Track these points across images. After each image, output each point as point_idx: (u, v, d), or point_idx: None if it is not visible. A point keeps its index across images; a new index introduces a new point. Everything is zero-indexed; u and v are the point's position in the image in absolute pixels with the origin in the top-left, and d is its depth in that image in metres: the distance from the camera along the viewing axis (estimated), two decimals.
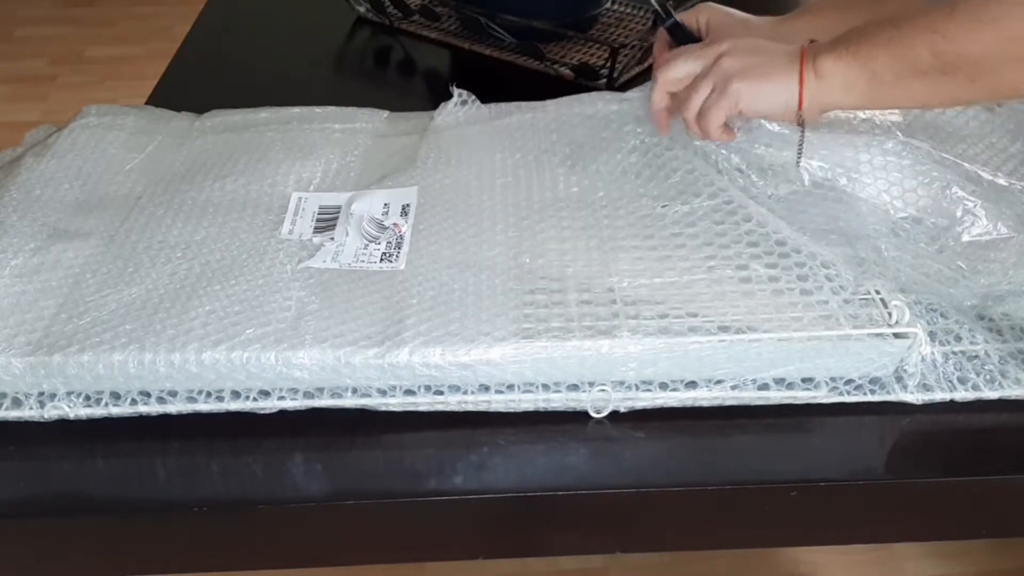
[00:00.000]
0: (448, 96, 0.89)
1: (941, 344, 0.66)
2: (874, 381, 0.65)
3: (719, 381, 0.64)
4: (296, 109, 0.90)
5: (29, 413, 0.64)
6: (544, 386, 0.64)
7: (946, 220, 0.67)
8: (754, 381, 0.64)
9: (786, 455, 0.63)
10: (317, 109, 0.90)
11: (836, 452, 0.63)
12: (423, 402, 0.64)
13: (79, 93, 2.49)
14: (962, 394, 0.64)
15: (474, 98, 0.89)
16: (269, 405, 0.64)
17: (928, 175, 0.68)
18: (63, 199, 0.79)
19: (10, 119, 2.36)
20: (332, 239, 0.73)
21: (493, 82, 1.05)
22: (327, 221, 0.75)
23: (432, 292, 0.67)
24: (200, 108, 0.92)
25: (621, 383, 0.64)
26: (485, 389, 0.64)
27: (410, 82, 1.14)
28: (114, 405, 0.64)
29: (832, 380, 0.65)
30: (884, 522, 0.65)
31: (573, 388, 0.64)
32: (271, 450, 0.63)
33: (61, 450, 0.63)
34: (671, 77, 0.73)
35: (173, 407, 0.64)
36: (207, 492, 0.61)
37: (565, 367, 0.63)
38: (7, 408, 0.64)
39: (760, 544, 0.81)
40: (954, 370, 0.65)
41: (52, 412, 0.63)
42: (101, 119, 0.89)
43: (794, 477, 0.61)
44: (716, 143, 0.73)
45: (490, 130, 0.86)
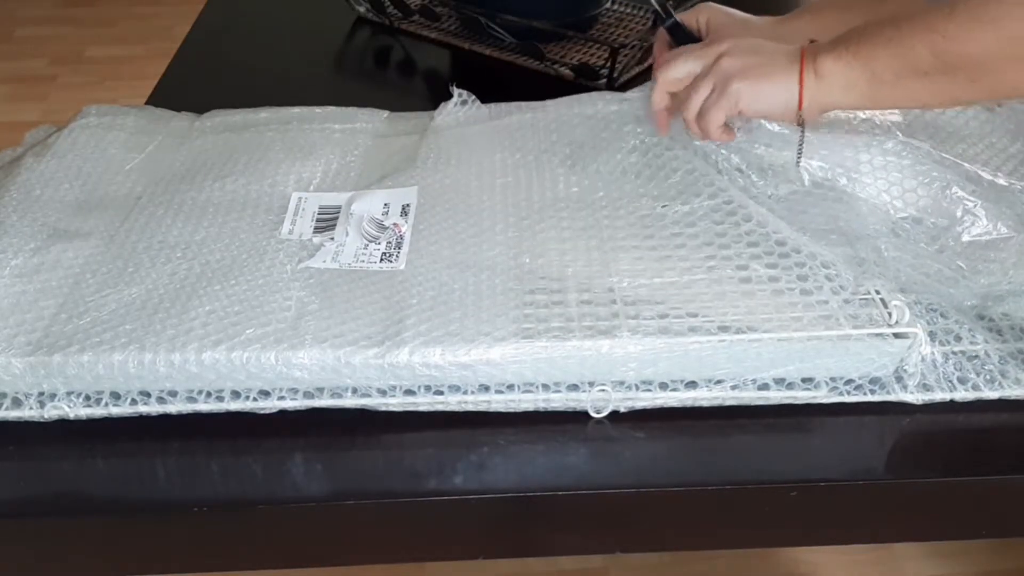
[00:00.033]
0: (448, 96, 0.89)
1: (941, 344, 0.66)
2: (874, 381, 0.65)
3: (719, 381, 0.64)
4: (296, 109, 0.90)
5: (29, 413, 0.64)
6: (544, 386, 0.64)
7: (946, 220, 0.67)
8: (754, 381, 0.64)
9: (786, 455, 0.63)
10: (317, 109, 0.90)
11: (836, 452, 0.63)
12: (423, 402, 0.64)
13: (79, 93, 2.49)
14: (962, 394, 0.64)
15: (474, 98, 0.89)
16: (269, 405, 0.64)
17: (928, 175, 0.68)
18: (63, 199, 0.79)
19: (10, 119, 2.36)
20: (332, 239, 0.73)
21: (493, 82, 1.05)
22: (327, 221, 0.75)
23: (432, 292, 0.67)
24: (200, 108, 0.92)
25: (621, 383, 0.64)
26: (485, 389, 0.64)
27: (410, 82, 1.14)
28: (114, 405, 0.64)
29: (832, 380, 0.65)
30: (884, 522, 0.65)
31: (573, 388, 0.64)
32: (271, 450, 0.63)
33: (61, 450, 0.63)
34: (671, 77, 0.73)
35: (173, 407, 0.64)
36: (207, 492, 0.61)
37: (565, 367, 0.63)
38: (7, 408, 0.64)
39: (760, 544, 0.81)
40: (954, 370, 0.65)
41: (52, 412, 0.63)
42: (101, 119, 0.89)
43: (794, 477, 0.61)
44: (716, 143, 0.73)
45: (490, 130, 0.86)
